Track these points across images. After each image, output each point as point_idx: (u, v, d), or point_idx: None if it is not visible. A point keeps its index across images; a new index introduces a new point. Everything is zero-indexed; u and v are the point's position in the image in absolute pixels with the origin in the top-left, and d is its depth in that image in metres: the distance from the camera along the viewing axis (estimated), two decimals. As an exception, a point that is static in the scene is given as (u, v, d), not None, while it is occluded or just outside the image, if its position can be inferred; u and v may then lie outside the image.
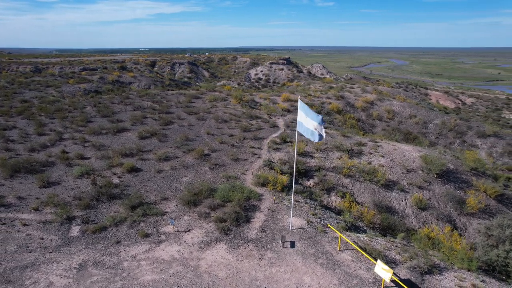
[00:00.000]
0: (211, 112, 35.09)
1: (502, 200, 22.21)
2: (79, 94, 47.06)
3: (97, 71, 77.40)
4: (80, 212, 15.23)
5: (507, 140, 40.73)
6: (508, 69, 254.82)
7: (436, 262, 12.92)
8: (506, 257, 17.21)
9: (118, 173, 19.46)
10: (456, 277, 11.99)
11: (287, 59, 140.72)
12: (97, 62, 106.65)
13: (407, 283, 11.08)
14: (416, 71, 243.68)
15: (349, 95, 49.56)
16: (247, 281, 11.21)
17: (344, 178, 21.92)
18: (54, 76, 66.73)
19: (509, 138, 41.26)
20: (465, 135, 40.98)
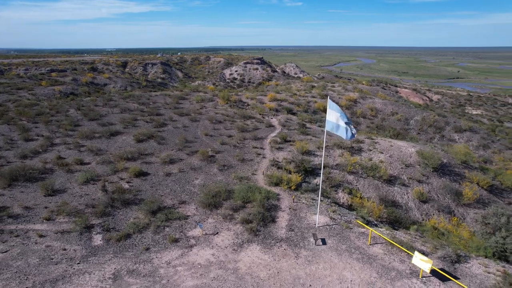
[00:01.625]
0: (202, 113, 34.66)
1: (493, 191, 23.68)
2: (57, 96, 44.78)
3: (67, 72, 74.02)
4: (97, 220, 14.58)
5: (481, 134, 43.41)
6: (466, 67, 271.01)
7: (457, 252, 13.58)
8: (504, 243, 18.38)
9: (125, 178, 18.79)
10: (480, 264, 12.68)
11: (260, 59, 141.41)
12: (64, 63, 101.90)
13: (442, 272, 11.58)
14: (383, 69, 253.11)
15: (333, 93, 50.66)
16: (290, 280, 11.26)
17: (348, 175, 22.45)
18: (22, 78, 63.05)
19: (483, 132, 44.00)
20: (443, 130, 43.18)
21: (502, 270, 11.90)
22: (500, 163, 36.50)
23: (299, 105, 45.46)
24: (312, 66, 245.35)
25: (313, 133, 28.83)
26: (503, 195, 23.76)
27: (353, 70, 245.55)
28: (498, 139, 43.50)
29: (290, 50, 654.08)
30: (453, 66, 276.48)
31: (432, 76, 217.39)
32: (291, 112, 42.30)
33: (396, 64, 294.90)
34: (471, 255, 13.91)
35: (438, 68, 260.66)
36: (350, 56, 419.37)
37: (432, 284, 11.21)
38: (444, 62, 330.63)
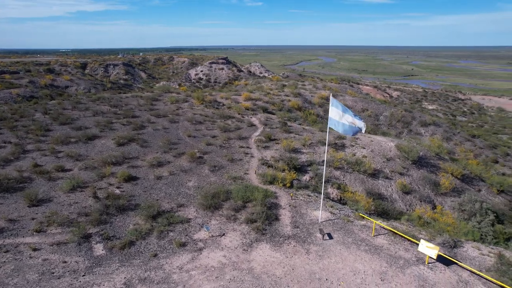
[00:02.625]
0: (180, 114, 33.92)
1: (464, 179, 25.43)
2: (17, 100, 41.72)
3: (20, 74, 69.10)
4: (94, 229, 13.84)
5: (444, 127, 46.39)
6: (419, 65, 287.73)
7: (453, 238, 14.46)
8: (479, 227, 19.86)
9: (114, 183, 17.98)
10: (474, 248, 13.62)
11: (225, 58, 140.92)
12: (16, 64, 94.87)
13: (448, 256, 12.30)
14: (344, 67, 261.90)
15: (305, 92, 51.69)
16: (306, 276, 11.41)
17: (334, 170, 23.07)
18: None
19: (445, 126, 47.04)
20: (410, 125, 45.63)
21: (497, 252, 12.85)
22: (462, 154, 39.30)
23: (274, 104, 45.88)
24: (275, 65, 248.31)
25: (295, 131, 29.26)
26: (473, 183, 25.60)
27: (315, 69, 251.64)
28: (458, 131, 46.76)
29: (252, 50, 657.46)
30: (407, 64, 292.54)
31: (389, 74, 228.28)
32: (266, 111, 42.58)
33: (355, 63, 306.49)
34: (462, 240, 14.87)
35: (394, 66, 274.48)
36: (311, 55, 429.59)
37: (438, 269, 11.88)
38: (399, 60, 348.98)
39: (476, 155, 40.86)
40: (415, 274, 11.56)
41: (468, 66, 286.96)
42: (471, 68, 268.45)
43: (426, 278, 11.39)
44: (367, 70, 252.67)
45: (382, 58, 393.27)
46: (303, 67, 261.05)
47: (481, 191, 24.92)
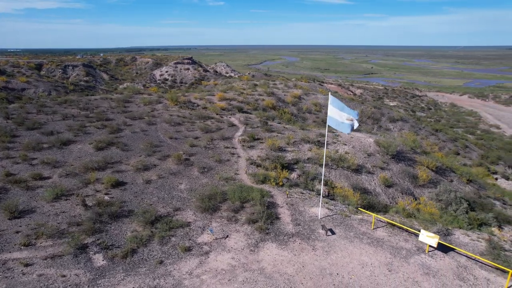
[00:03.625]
0: (156, 116, 32.95)
1: (438, 171, 26.94)
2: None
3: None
4: (89, 239, 13.09)
5: (410, 123, 48.86)
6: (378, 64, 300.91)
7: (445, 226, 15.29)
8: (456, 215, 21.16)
9: (102, 190, 17.10)
10: (463, 234, 14.50)
11: (190, 59, 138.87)
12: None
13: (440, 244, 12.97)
14: (307, 66, 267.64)
15: (278, 91, 52.19)
16: (317, 272, 11.55)
17: (320, 167, 23.50)
18: None
19: (412, 121, 49.57)
20: (380, 121, 47.59)
21: (487, 237, 13.76)
22: (428, 147, 41.63)
23: (249, 103, 45.90)
24: (240, 65, 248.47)
25: (277, 130, 29.47)
26: (445, 175, 27.21)
27: (280, 68, 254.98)
28: (423, 126, 49.48)
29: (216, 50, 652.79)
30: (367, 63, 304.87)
31: (350, 72, 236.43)
32: (242, 111, 42.51)
33: (317, 62, 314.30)
34: (449, 228, 15.76)
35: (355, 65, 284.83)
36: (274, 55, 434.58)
37: (438, 256, 12.52)
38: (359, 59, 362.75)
39: (440, 148, 43.47)
40: (419, 263, 12.10)
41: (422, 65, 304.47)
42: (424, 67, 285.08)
43: (429, 266, 11.96)
44: (329, 69, 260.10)
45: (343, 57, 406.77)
46: (268, 66, 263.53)
47: (453, 182, 26.54)
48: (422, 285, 11.04)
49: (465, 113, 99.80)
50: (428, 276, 11.46)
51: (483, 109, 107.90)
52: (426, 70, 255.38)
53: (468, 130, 71.74)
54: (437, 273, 11.62)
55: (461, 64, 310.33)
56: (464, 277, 11.49)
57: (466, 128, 74.16)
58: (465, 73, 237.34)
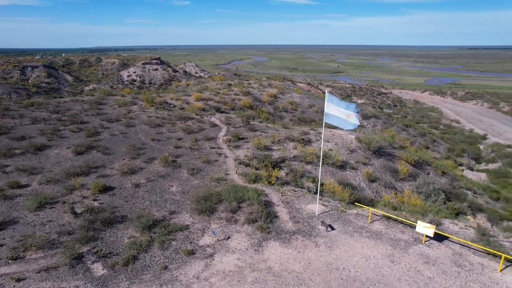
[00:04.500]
0: (133, 118, 31.90)
1: (415, 165, 28.14)
2: None
3: None
4: (84, 248, 12.42)
5: (383, 119, 50.67)
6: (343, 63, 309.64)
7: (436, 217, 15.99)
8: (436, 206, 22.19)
9: (89, 196, 16.29)
10: (452, 223, 15.24)
11: (158, 59, 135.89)
12: None
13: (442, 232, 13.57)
14: (275, 66, 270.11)
15: (254, 90, 52.26)
16: (324, 268, 11.68)
17: (306, 165, 23.82)
18: None
19: (384, 117, 51.42)
20: (353, 118, 48.89)
21: (475, 225, 14.55)
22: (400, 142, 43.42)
23: (226, 103, 45.61)
24: (209, 65, 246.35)
25: (260, 129, 29.50)
26: (422, 168, 28.48)
27: (248, 68, 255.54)
28: (395, 122, 51.50)
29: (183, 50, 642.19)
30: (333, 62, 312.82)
31: (318, 71, 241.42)
32: (219, 111, 42.15)
33: (285, 61, 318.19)
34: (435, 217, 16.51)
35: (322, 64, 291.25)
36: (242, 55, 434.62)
37: (434, 245, 13.09)
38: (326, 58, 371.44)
39: (412, 142, 45.48)
40: (418, 253, 12.58)
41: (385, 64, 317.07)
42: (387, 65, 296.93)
43: (428, 255, 12.47)
44: (297, 68, 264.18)
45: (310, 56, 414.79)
46: (237, 66, 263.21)
47: (430, 174, 27.84)
48: (424, 274, 11.48)
49: (428, 109, 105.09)
50: (428, 264, 11.95)
51: (443, 105, 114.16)
52: (389, 69, 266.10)
53: (432, 125, 75.53)
54: (436, 261, 12.14)
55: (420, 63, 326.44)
56: (461, 264, 12.09)
57: (430, 123, 78.07)
58: (424, 71, 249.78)
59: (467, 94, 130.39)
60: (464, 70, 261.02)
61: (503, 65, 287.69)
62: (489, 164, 45.79)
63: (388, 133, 30.20)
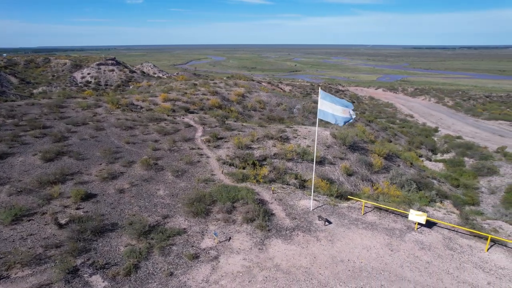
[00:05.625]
0: (101, 121, 30.21)
1: (387, 158, 29.53)
2: None
3: None
4: (77, 260, 11.54)
5: (347, 115, 52.51)
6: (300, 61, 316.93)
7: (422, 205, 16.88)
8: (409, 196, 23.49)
9: (70, 205, 15.17)
10: (435, 210, 16.19)
11: (113, 59, 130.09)
12: None
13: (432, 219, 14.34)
14: (234, 65, 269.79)
15: (221, 90, 51.79)
16: (330, 261, 11.88)
17: (287, 162, 24.07)
18: None
19: (348, 113, 53.31)
20: (320, 115, 50.26)
21: (457, 211, 15.56)
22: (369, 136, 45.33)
23: (194, 103, 44.76)
24: (166, 65, 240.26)
25: (237, 128, 29.28)
26: (393, 160, 29.96)
27: (207, 68, 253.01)
28: (359, 118, 53.64)
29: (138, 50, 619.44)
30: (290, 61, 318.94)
31: (276, 70, 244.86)
32: (188, 111, 41.29)
33: (244, 61, 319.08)
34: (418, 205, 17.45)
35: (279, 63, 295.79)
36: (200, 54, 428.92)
37: (425, 232, 13.83)
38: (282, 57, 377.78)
39: (376, 137, 47.67)
40: (413, 240, 13.22)
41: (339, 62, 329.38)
42: (342, 64, 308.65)
43: (422, 241, 13.14)
44: (256, 67, 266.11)
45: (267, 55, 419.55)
46: (195, 66, 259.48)
47: (400, 166, 29.38)
48: (422, 259, 12.09)
49: (383, 105, 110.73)
50: (425, 250, 12.60)
51: (396, 100, 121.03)
52: (344, 67, 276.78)
53: (389, 120, 79.69)
54: (430, 246, 12.84)
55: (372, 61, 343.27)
56: (452, 247, 12.89)
57: (387, 118, 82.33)
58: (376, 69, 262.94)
59: (416, 90, 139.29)
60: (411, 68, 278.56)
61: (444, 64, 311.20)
62: (444, 155, 49.30)
63: (359, 129, 31.44)
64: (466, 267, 11.75)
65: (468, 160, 43.67)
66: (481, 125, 73.97)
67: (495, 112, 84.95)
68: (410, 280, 11.00)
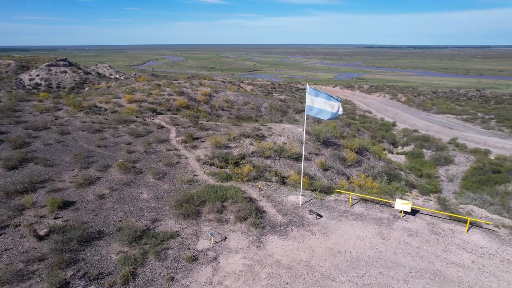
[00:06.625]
0: (64, 124, 28.37)
1: (358, 152, 30.67)
2: None
3: None
4: (67, 272, 10.74)
5: (313, 112, 53.82)
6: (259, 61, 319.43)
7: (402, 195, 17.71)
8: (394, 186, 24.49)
9: (46, 214, 14.07)
10: (413, 198, 17.10)
11: (65, 60, 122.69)
12: None
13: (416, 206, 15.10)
14: (193, 65, 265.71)
15: (187, 90, 50.81)
16: (328, 253, 12.11)
17: (265, 159, 24.17)
18: None
19: (314, 110, 54.65)
20: (287, 113, 51.06)
21: (435, 197, 16.53)
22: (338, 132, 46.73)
23: (161, 104, 43.46)
24: (121, 66, 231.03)
25: (211, 128, 28.85)
26: (363, 154, 31.19)
27: (165, 68, 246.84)
28: (324, 115, 55.10)
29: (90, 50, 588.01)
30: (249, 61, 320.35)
31: (235, 70, 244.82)
32: (156, 112, 40.04)
33: (202, 61, 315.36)
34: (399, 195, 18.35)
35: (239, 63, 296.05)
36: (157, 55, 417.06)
37: (411, 219, 14.56)
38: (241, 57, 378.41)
39: (341, 132, 49.33)
40: (401, 228, 13.86)
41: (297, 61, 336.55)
42: (299, 63, 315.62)
43: (409, 228, 13.82)
44: (215, 67, 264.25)
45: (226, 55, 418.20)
46: (152, 66, 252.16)
47: (370, 159, 30.65)
48: (412, 245, 12.72)
49: (343, 102, 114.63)
50: (413, 236, 13.26)
51: (353, 98, 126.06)
52: (302, 66, 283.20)
53: (349, 116, 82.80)
54: (417, 232, 13.54)
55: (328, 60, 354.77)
56: (436, 231, 13.69)
57: (348, 114, 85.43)
58: (333, 68, 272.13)
59: (371, 87, 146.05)
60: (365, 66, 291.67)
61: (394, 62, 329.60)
62: (404, 147, 52.18)
63: (330, 125, 32.41)
64: (451, 249, 12.53)
65: (426, 151, 46.59)
66: (432, 118, 79.35)
67: (442, 107, 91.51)
68: (405, 265, 11.52)
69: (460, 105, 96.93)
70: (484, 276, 11.17)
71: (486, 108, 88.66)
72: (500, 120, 70.62)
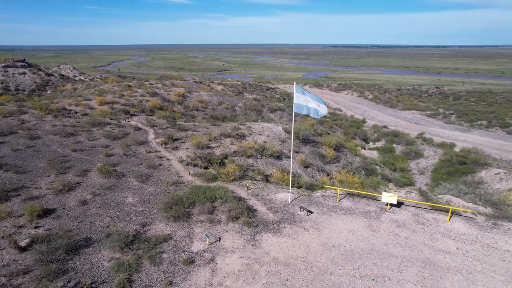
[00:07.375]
0: (33, 128, 26.82)
1: (336, 149, 31.36)
2: None
3: None
4: (57, 284, 10.16)
5: (287, 111, 54.42)
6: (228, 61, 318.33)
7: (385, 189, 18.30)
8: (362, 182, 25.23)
9: (25, 224, 13.24)
10: (396, 191, 17.74)
11: (23, 61, 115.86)
12: None
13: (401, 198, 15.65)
14: (160, 66, 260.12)
15: (160, 91, 49.74)
16: (322, 248, 12.31)
17: (247, 159, 24.15)
18: None
19: (288, 110, 55.22)
20: (262, 112, 51.29)
21: (417, 189, 17.24)
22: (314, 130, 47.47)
23: (134, 105, 42.18)
24: (85, 67, 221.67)
25: (190, 128, 28.38)
26: (340, 150, 31.95)
27: (132, 69, 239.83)
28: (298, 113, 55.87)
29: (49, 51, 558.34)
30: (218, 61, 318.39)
31: (204, 70, 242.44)
32: (129, 114, 38.84)
33: (170, 61, 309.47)
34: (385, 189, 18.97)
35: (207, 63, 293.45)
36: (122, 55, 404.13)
37: (397, 210, 15.12)
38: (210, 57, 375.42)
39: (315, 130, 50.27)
40: (389, 220, 14.34)
41: (266, 61, 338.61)
42: (268, 62, 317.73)
43: (397, 220, 14.33)
44: (184, 67, 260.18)
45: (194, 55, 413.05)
46: (118, 67, 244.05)
47: (347, 155, 31.46)
48: (401, 235, 13.21)
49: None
50: (401, 227, 13.77)
51: (322, 96, 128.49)
52: (270, 65, 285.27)
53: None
54: (404, 223, 14.08)
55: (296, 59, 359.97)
56: (421, 222, 14.31)
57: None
58: (301, 67, 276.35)
59: (339, 85, 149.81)
60: (332, 65, 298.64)
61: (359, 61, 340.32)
62: (376, 143, 53.98)
63: (307, 123, 32.89)
64: (437, 237, 13.15)
65: (397, 146, 48.47)
66: (398, 114, 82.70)
67: (407, 103, 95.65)
68: (396, 256, 11.93)
69: (422, 101, 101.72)
70: (469, 261, 11.80)
71: (446, 104, 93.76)
72: (460, 115, 74.88)
